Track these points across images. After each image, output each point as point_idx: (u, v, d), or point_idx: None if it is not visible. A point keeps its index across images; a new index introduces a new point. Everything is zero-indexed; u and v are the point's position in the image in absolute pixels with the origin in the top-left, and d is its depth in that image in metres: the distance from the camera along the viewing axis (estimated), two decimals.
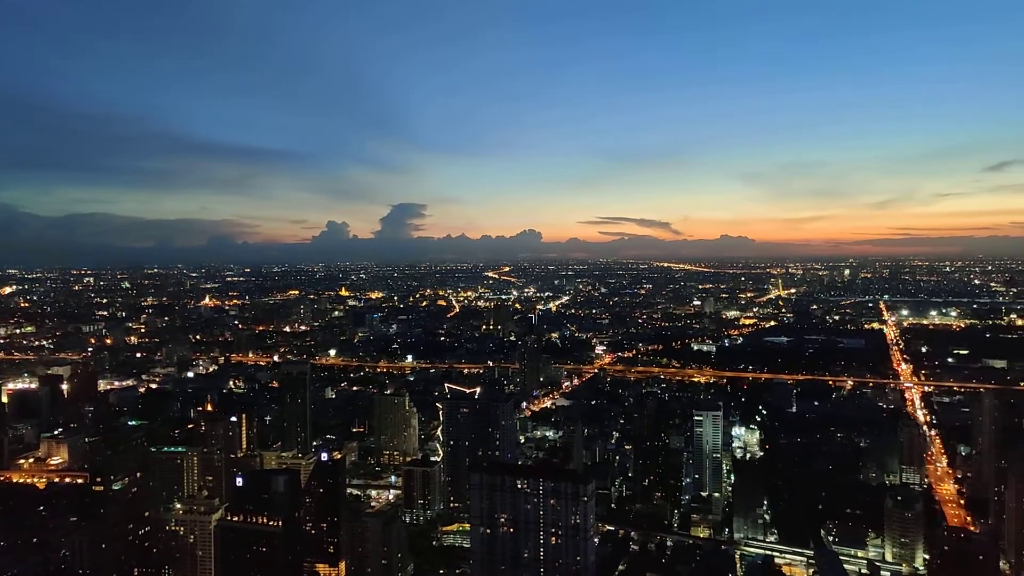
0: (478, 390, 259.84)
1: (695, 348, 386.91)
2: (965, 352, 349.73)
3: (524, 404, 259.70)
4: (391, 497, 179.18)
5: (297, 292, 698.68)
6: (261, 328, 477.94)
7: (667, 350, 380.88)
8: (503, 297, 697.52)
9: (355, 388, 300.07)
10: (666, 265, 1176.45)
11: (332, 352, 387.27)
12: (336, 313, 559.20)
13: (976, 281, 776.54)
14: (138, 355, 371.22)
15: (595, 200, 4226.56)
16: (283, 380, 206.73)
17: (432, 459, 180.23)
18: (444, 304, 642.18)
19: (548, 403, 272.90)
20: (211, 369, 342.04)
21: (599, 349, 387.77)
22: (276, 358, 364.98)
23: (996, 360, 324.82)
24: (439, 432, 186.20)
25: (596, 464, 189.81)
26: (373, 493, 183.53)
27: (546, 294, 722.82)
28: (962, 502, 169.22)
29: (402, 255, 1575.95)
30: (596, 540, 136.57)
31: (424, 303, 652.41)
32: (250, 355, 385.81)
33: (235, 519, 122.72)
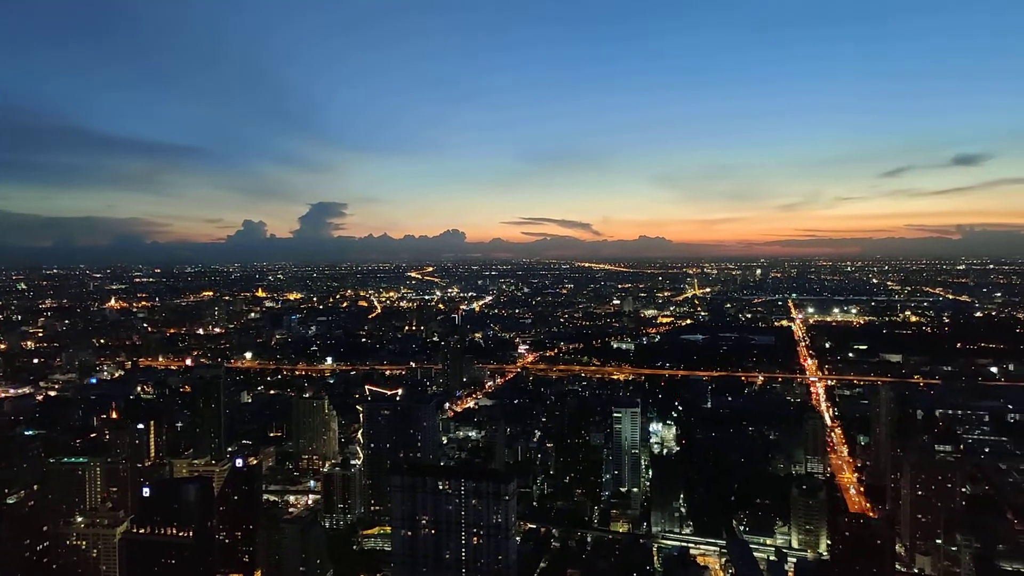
0: (400, 391, 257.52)
1: (615, 346, 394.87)
2: (864, 347, 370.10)
3: (447, 405, 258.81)
4: (310, 502, 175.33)
5: (211, 293, 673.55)
6: (172, 331, 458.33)
7: (588, 348, 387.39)
8: (426, 297, 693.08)
9: (272, 392, 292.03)
10: (587, 265, 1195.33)
11: (248, 355, 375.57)
12: (252, 315, 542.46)
13: (874, 280, 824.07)
14: (35, 361, 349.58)
15: (518, 201, 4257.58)
16: (196, 384, 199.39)
17: (352, 462, 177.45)
18: (366, 305, 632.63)
19: (471, 403, 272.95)
20: (117, 374, 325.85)
21: (522, 348, 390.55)
22: (189, 362, 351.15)
23: (892, 354, 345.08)
24: (360, 435, 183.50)
25: (518, 463, 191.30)
26: (291, 499, 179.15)
27: (470, 294, 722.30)
28: (862, 489, 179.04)
29: (322, 255, 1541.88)
30: (518, 539, 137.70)
31: (345, 304, 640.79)
32: (160, 359, 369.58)
33: (142, 531, 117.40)
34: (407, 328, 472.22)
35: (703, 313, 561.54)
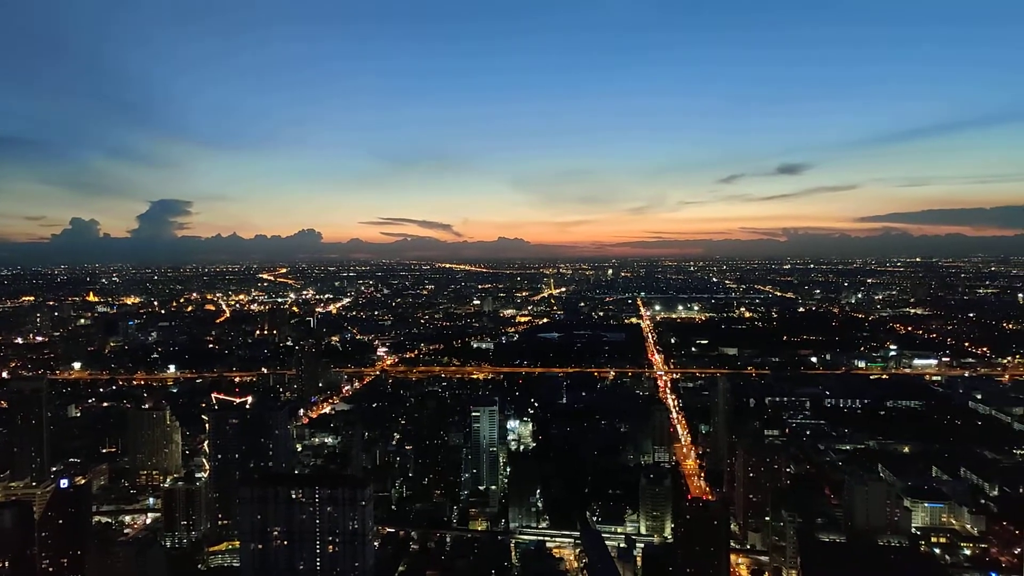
0: (250, 399, 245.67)
1: (475, 346, 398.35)
2: (705, 342, 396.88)
3: (302, 411, 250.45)
4: (148, 521, 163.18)
5: (32, 298, 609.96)
6: None
7: (448, 349, 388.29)
8: (279, 300, 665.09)
9: (106, 404, 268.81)
10: (447, 266, 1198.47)
11: (77, 365, 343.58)
12: (82, 321, 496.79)
13: (714, 279, 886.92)
14: None
15: (378, 201, 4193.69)
16: (13, 399, 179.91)
17: (197, 475, 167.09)
18: (213, 308, 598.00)
19: (327, 408, 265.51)
20: None
21: (381, 351, 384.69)
22: (5, 374, 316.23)
23: (729, 348, 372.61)
24: (206, 446, 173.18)
25: (377, 467, 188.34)
26: (127, 519, 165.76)
27: (326, 296, 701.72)
28: (703, 474, 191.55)
29: (164, 256, 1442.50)
30: (376, 544, 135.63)
31: (190, 308, 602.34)
32: None
33: None
34: (259, 332, 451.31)
35: (559, 312, 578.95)
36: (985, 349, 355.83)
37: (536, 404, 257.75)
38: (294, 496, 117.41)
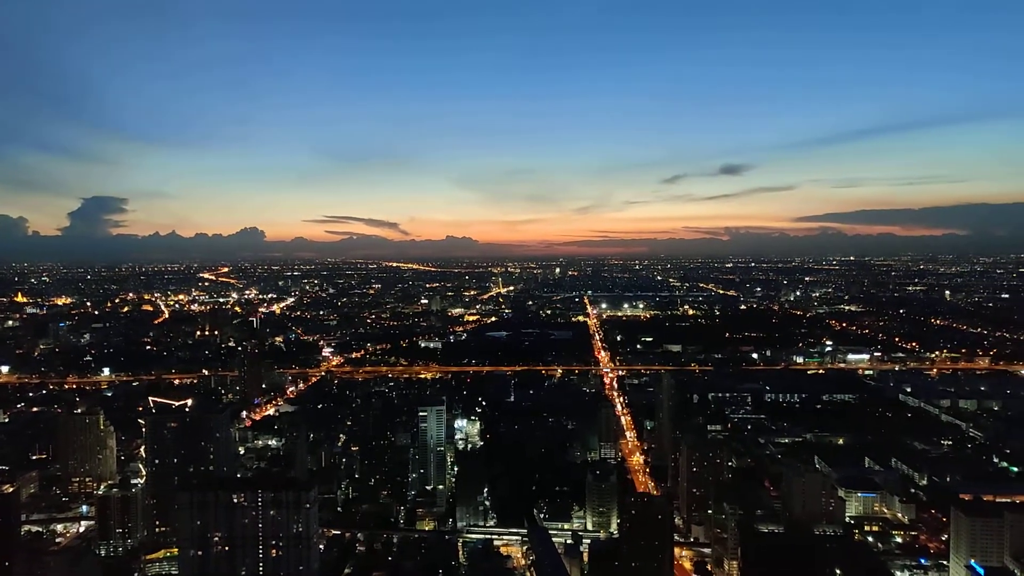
0: (189, 402, 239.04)
1: (422, 346, 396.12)
2: (650, 339, 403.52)
3: (244, 413, 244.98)
4: (82, 529, 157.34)
5: None
6: None
7: (395, 349, 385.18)
8: (221, 300, 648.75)
9: (36, 409, 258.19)
10: (395, 265, 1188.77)
11: (5, 368, 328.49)
12: (9, 323, 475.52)
13: (659, 277, 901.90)
14: None
15: (322, 199, 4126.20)
16: None
17: (133, 481, 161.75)
18: (151, 309, 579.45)
19: (271, 410, 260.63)
20: None
21: (327, 351, 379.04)
22: None
23: (673, 345, 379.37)
24: (143, 451, 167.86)
25: (322, 469, 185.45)
26: (60, 527, 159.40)
27: (270, 296, 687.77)
28: (648, 470, 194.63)
29: (98, 255, 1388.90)
30: (321, 546, 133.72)
31: (126, 308, 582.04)
32: None
33: None
34: (199, 333, 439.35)
35: (507, 310, 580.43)
36: (914, 344, 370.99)
37: (484, 403, 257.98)
38: (235, 500, 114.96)
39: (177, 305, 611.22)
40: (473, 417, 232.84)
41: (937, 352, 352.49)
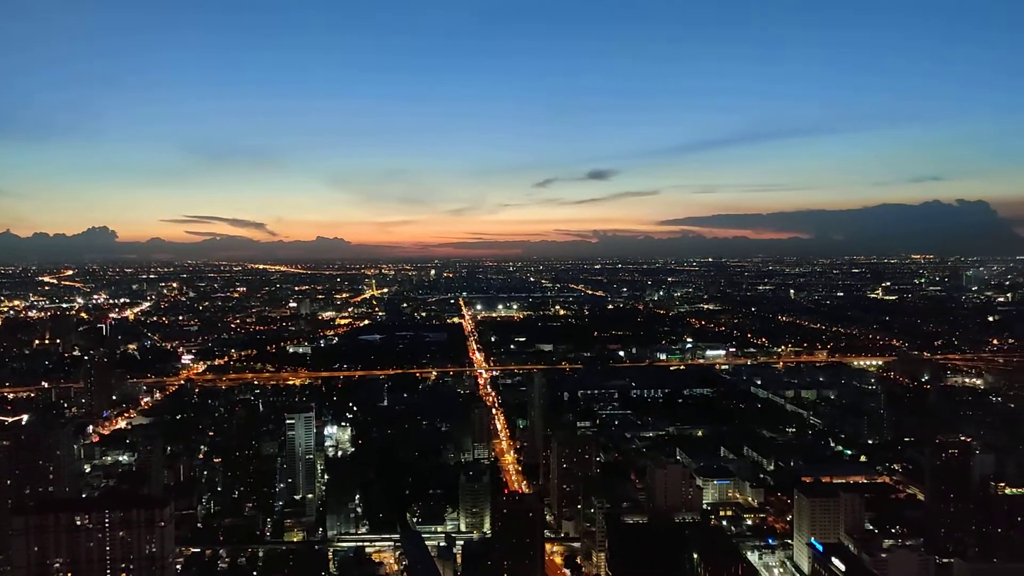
0: (25, 417, 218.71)
1: (291, 351, 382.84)
2: (523, 339, 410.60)
3: (91, 428, 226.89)
4: None
5: None
6: None
7: (262, 355, 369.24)
8: (64, 306, 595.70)
9: None
10: (262, 267, 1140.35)
11: None
12: None
13: (532, 279, 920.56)
14: None
15: (183, 198, 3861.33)
16: None
17: None
18: None
19: (123, 423, 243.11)
20: None
21: (187, 359, 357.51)
22: None
23: (545, 344, 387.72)
24: None
25: (180, 483, 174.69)
26: None
27: (122, 300, 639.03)
28: (520, 468, 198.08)
29: None
30: (179, 566, 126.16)
31: None
32: None
33: None
34: (38, 342, 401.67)
35: (381, 313, 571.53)
36: (764, 340, 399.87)
37: (356, 408, 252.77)
38: (79, 522, 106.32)
39: (12, 312, 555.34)
40: (344, 423, 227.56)
41: (783, 347, 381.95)
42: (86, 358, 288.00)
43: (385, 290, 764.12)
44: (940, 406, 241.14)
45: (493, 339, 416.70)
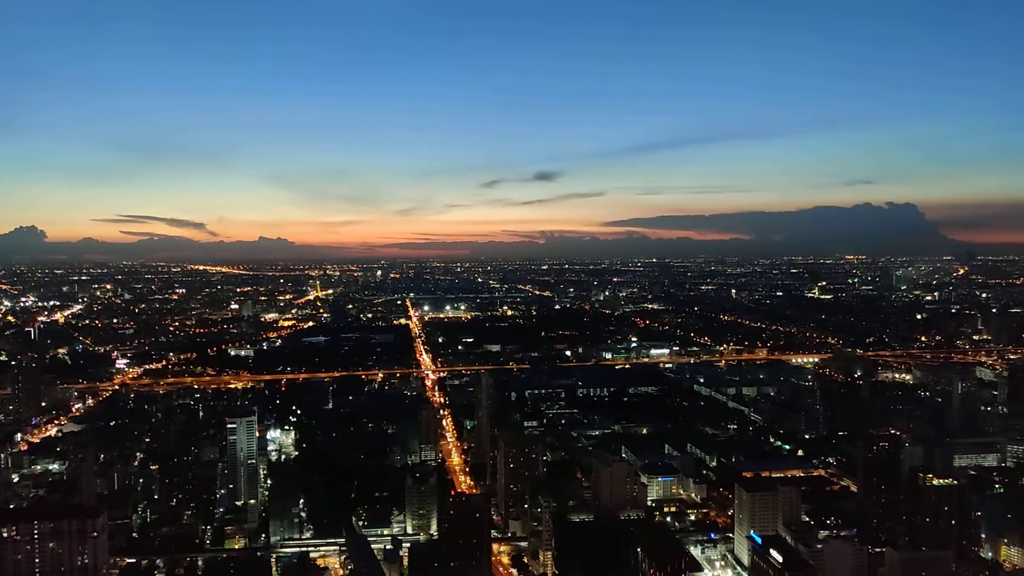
0: None
1: (232, 354, 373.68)
2: (471, 340, 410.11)
3: (19, 436, 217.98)
4: None
5: None
6: None
7: (202, 358, 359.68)
8: None
9: None
10: (202, 268, 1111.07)
11: None
12: None
13: (480, 279, 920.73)
14: None
15: (117, 196, 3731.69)
16: None
17: None
18: None
19: (54, 431, 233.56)
20: None
21: (122, 363, 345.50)
22: None
23: (493, 345, 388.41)
24: None
25: (115, 492, 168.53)
26: None
27: (51, 303, 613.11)
28: (468, 469, 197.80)
29: None
30: None
31: None
32: None
33: None
34: None
35: (326, 315, 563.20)
36: (706, 338, 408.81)
37: (300, 411, 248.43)
38: (6, 534, 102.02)
39: None
40: (288, 427, 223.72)
41: (725, 345, 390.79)
42: (13, 363, 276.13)
43: (330, 291, 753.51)
44: (872, 401, 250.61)
45: (441, 340, 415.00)
